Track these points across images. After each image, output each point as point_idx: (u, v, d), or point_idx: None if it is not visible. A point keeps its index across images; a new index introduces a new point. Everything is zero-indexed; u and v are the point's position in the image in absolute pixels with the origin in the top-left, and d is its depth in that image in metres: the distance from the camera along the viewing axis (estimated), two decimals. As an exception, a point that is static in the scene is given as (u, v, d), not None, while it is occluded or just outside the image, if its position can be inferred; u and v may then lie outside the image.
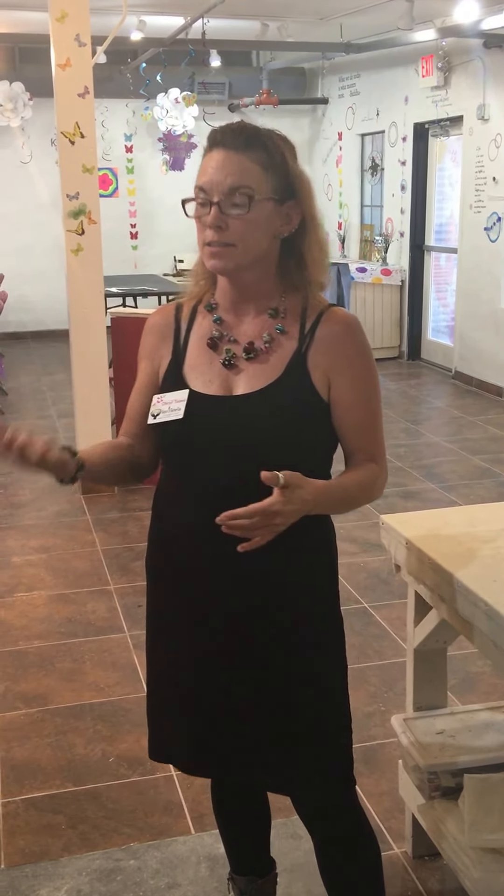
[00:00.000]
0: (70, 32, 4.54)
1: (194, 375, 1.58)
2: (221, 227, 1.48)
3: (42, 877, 2.24)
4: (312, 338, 1.56)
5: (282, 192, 1.51)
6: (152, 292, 8.05)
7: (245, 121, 1.58)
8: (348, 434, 1.58)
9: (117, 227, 9.87)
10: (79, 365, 4.95)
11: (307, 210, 1.55)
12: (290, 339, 1.56)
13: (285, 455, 1.50)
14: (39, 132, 9.26)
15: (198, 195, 1.51)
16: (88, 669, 3.22)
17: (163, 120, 8.69)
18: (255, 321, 1.58)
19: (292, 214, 1.54)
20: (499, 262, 7.17)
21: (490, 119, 7.08)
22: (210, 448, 1.54)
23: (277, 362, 1.55)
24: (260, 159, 1.49)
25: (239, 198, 1.47)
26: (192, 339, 1.62)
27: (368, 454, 1.59)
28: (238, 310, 1.59)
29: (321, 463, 1.60)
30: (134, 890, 2.20)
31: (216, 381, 1.57)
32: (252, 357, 1.56)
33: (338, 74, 9.53)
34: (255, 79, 9.86)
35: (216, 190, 1.48)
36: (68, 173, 4.69)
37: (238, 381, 1.56)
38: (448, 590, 1.80)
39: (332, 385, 1.55)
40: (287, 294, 1.58)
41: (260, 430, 1.52)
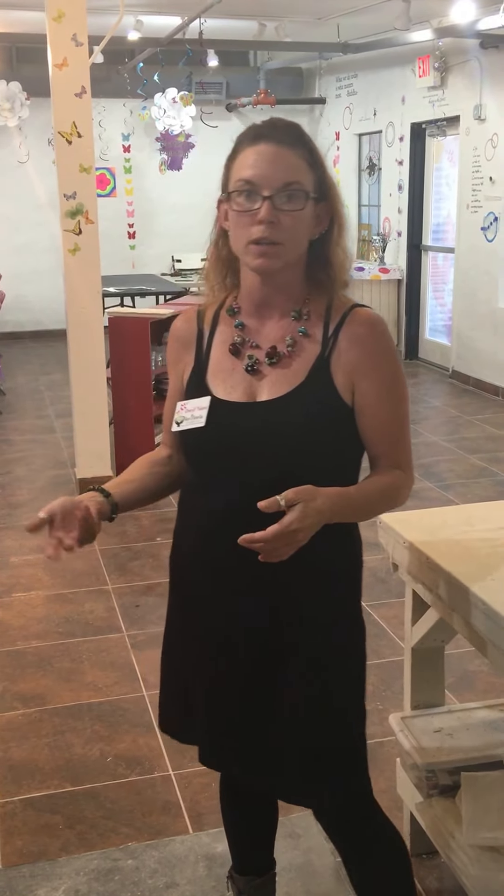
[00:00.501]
0: (67, 32, 4.54)
1: (217, 382, 1.56)
2: (273, 223, 1.44)
3: (40, 877, 2.24)
4: (336, 340, 1.52)
5: (319, 192, 1.49)
6: (150, 292, 8.05)
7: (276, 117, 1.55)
8: (372, 439, 1.54)
9: (115, 227, 9.86)
10: (76, 365, 4.95)
11: (336, 210, 1.53)
12: (314, 342, 1.53)
13: (309, 461, 1.48)
14: (37, 132, 9.26)
15: (241, 188, 1.46)
16: (86, 669, 3.22)
17: (160, 120, 8.68)
18: (279, 324, 1.55)
19: (323, 216, 1.52)
20: (496, 261, 7.18)
21: (487, 119, 7.09)
22: (233, 455, 1.51)
23: (300, 367, 1.52)
24: (306, 157, 1.47)
25: (292, 193, 1.44)
26: (214, 345, 1.59)
27: (393, 460, 1.55)
28: (261, 313, 1.56)
29: (347, 468, 1.56)
30: (132, 889, 2.20)
31: (239, 387, 1.54)
32: (275, 362, 1.53)
33: (335, 74, 9.53)
34: (252, 79, 9.86)
35: (268, 184, 1.44)
36: (65, 173, 4.69)
37: (261, 387, 1.53)
38: (445, 589, 1.80)
39: (356, 388, 1.51)
40: (312, 296, 1.56)
41: (283, 436, 1.49)
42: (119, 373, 5.09)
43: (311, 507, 1.37)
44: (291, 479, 1.44)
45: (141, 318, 5.10)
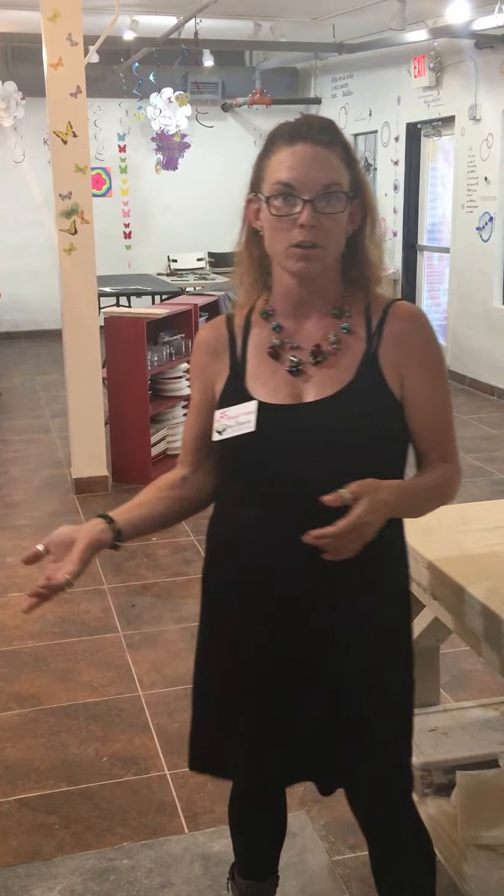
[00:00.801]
0: (62, 32, 4.54)
1: (258, 386, 1.51)
2: (314, 227, 1.41)
3: (35, 877, 2.24)
4: (381, 335, 1.49)
5: (353, 189, 1.47)
6: (146, 292, 8.04)
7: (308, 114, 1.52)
8: (422, 433, 1.52)
9: (111, 227, 9.86)
10: (72, 365, 4.95)
11: (370, 207, 1.50)
12: (358, 339, 1.50)
13: (364, 458, 1.45)
14: (32, 132, 9.25)
15: (279, 191, 1.42)
16: (82, 669, 3.22)
17: (156, 119, 8.68)
18: (318, 324, 1.52)
19: (356, 212, 1.49)
20: (491, 261, 7.19)
21: (482, 119, 7.10)
22: (284, 458, 1.47)
23: (348, 364, 1.49)
24: (342, 155, 1.44)
25: (333, 196, 1.42)
26: (250, 350, 1.54)
27: (442, 454, 1.53)
28: (299, 314, 1.53)
29: (398, 464, 1.53)
30: (127, 889, 2.20)
31: (283, 389, 1.49)
32: (320, 361, 1.49)
33: (330, 74, 9.54)
34: (248, 78, 9.86)
35: (308, 188, 1.41)
36: (61, 173, 4.69)
37: (307, 388, 1.49)
38: (440, 588, 1.80)
39: (405, 382, 1.49)
40: (348, 292, 1.53)
41: (338, 435, 1.45)
42: (115, 373, 5.09)
43: (378, 498, 1.36)
44: (346, 478, 1.40)
45: (137, 318, 5.10)
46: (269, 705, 1.57)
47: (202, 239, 10.38)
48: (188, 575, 3.96)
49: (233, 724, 1.61)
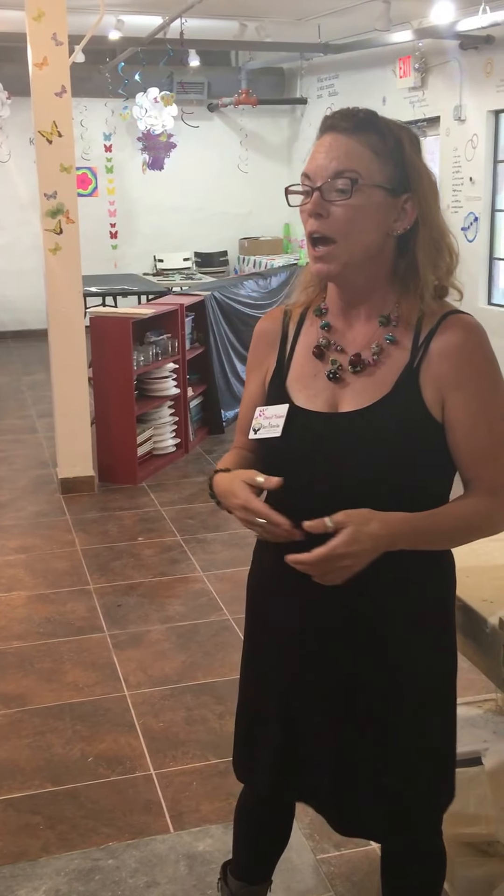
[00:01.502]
0: (47, 31, 4.53)
1: (298, 388, 1.46)
2: (322, 215, 1.34)
3: (20, 877, 2.24)
4: (427, 349, 1.38)
5: (396, 182, 1.36)
6: (132, 292, 8.04)
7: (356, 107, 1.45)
8: (463, 460, 1.40)
9: (97, 227, 9.85)
10: (58, 365, 4.94)
11: (424, 204, 1.38)
12: (402, 351, 1.40)
13: (391, 478, 1.37)
14: (18, 131, 9.22)
15: (303, 182, 1.38)
16: (68, 669, 3.21)
17: (142, 119, 8.67)
18: (365, 328, 1.44)
19: (408, 209, 1.38)
20: (477, 261, 7.22)
21: (466, 120, 7.13)
22: (308, 469, 1.41)
23: (386, 377, 1.40)
24: (372, 143, 1.35)
25: (342, 183, 1.33)
26: (298, 348, 1.50)
27: (486, 484, 1.40)
28: (348, 315, 1.46)
29: (435, 488, 1.43)
30: (112, 889, 2.20)
31: (321, 395, 1.44)
32: (359, 370, 1.42)
33: (316, 75, 9.55)
34: (233, 79, 9.87)
35: (320, 174, 1.35)
36: (46, 172, 4.68)
37: (344, 397, 1.42)
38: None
39: (445, 402, 1.37)
40: (402, 300, 1.43)
41: (364, 451, 1.38)
42: (101, 373, 5.08)
43: (363, 531, 1.29)
44: (372, 496, 1.36)
45: (122, 318, 5.09)
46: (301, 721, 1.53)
47: (188, 239, 10.39)
48: (174, 575, 3.96)
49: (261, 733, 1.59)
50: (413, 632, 1.47)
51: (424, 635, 1.48)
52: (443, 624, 1.51)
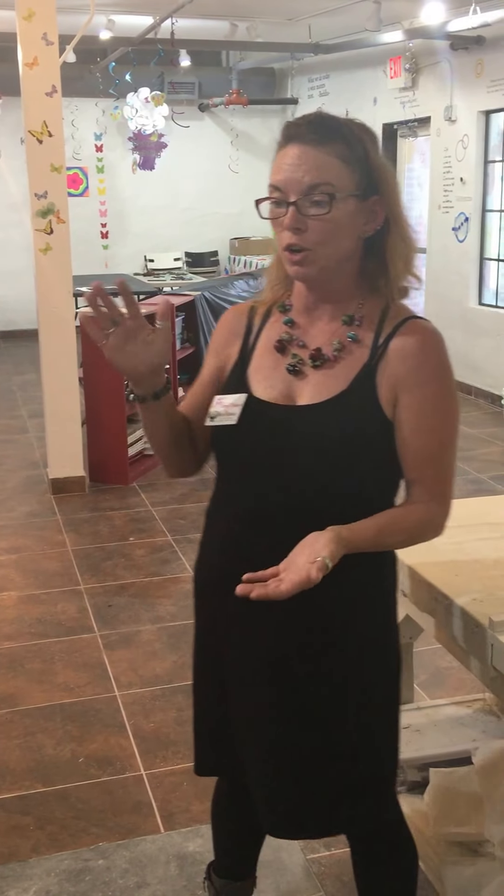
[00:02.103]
0: (37, 31, 4.52)
1: (257, 379, 1.49)
2: (300, 229, 1.37)
3: (10, 878, 2.24)
4: (386, 349, 1.43)
5: (365, 187, 1.39)
6: (123, 292, 8.02)
7: (322, 111, 1.46)
8: (408, 459, 1.43)
9: (88, 227, 9.83)
10: (48, 365, 4.93)
11: (392, 204, 1.42)
12: (363, 349, 1.44)
13: (342, 474, 1.41)
14: (8, 131, 9.20)
15: (272, 193, 1.40)
16: (58, 670, 3.21)
17: (132, 119, 8.67)
18: (328, 326, 1.48)
19: (377, 210, 1.41)
20: (467, 261, 7.24)
21: (457, 120, 7.15)
22: (262, 460, 1.44)
23: (345, 373, 1.44)
24: (340, 153, 1.37)
25: (319, 196, 1.36)
26: (261, 341, 1.53)
27: (427, 489, 1.44)
28: (312, 313, 1.50)
29: (383, 487, 1.47)
30: (103, 889, 2.20)
31: (278, 386, 1.47)
32: (319, 365, 1.45)
33: (307, 75, 9.56)
34: (224, 79, 9.86)
35: (293, 189, 1.37)
36: (36, 172, 4.67)
37: (302, 390, 1.46)
38: (410, 585, 1.82)
39: (398, 403, 1.41)
40: (367, 300, 1.47)
41: (317, 445, 1.41)
42: (91, 373, 5.07)
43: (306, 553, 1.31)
44: (321, 490, 1.40)
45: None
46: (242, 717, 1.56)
47: (179, 239, 10.38)
48: (165, 575, 3.96)
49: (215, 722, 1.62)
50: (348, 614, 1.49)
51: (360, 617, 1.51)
52: (381, 607, 1.54)
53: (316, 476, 1.41)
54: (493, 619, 1.52)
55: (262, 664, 1.51)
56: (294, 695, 1.50)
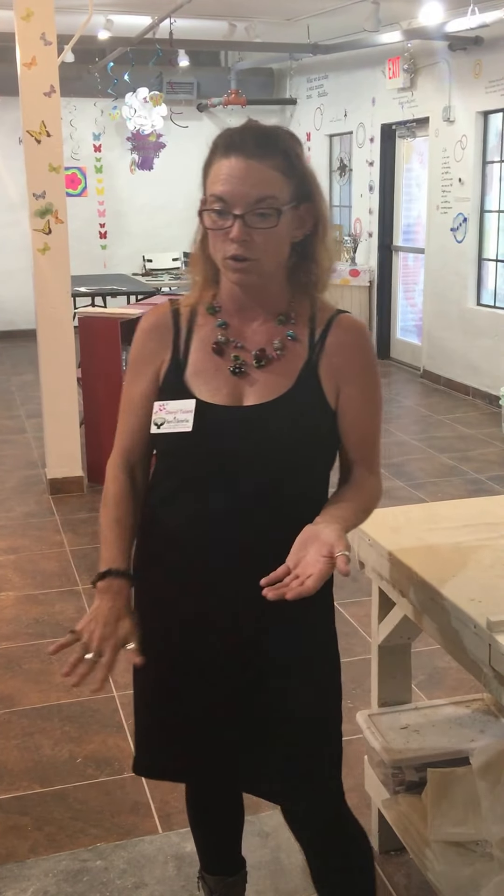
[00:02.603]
0: (36, 31, 4.52)
1: (199, 383, 1.51)
2: (246, 241, 1.41)
3: (8, 878, 2.23)
4: (323, 345, 1.52)
5: (298, 195, 1.45)
6: (121, 292, 8.02)
7: (253, 120, 1.49)
8: (352, 444, 1.55)
9: (86, 227, 9.83)
10: (46, 365, 4.93)
11: (322, 208, 1.49)
12: (301, 347, 1.52)
13: (297, 466, 1.49)
14: (6, 130, 9.20)
15: (213, 203, 1.43)
16: (56, 670, 3.20)
17: (131, 119, 8.66)
18: (264, 327, 1.53)
19: (306, 217, 1.48)
20: (465, 262, 7.24)
21: (455, 121, 7.15)
22: (218, 460, 1.49)
23: (289, 371, 1.50)
24: (280, 166, 1.42)
25: (265, 210, 1.41)
26: (194, 343, 1.54)
27: (368, 465, 1.57)
28: (244, 314, 1.53)
29: (323, 474, 1.56)
30: (101, 890, 2.20)
31: (224, 389, 1.50)
32: (263, 365, 1.51)
33: (306, 75, 9.56)
34: (223, 79, 9.86)
35: (239, 202, 1.40)
36: (34, 172, 4.67)
37: (249, 391, 1.50)
38: (409, 586, 1.82)
39: (340, 393, 1.52)
40: (295, 299, 1.54)
41: (273, 441, 1.47)
42: (89, 373, 5.07)
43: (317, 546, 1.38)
44: (278, 483, 1.48)
45: (111, 318, 5.09)
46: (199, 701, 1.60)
47: (177, 239, 10.37)
48: (163, 575, 3.96)
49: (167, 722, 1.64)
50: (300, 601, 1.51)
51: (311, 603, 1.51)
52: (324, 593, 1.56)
53: (272, 471, 1.48)
54: (491, 619, 1.52)
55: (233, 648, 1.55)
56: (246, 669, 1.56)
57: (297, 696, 1.57)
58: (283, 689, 1.57)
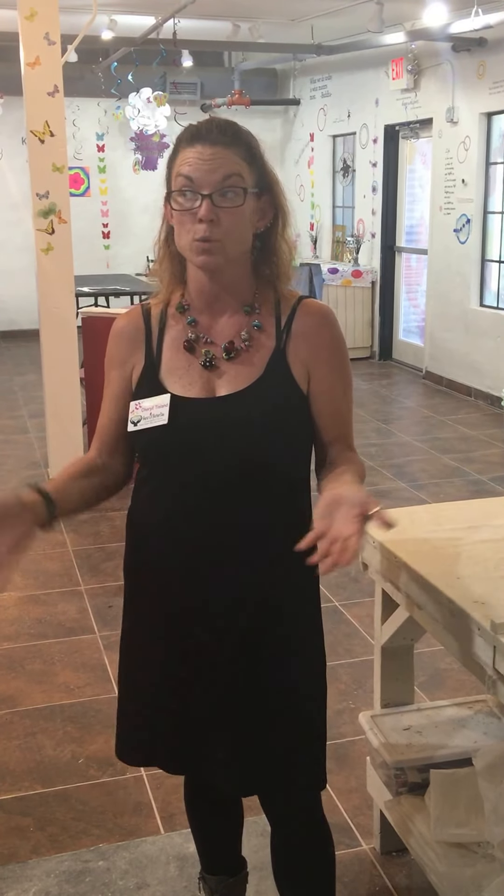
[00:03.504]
0: (39, 31, 4.52)
1: (173, 379, 1.56)
2: (213, 221, 1.46)
3: (10, 879, 2.23)
4: (289, 332, 1.56)
5: (260, 185, 1.52)
6: (124, 292, 8.02)
7: (214, 116, 1.59)
8: (328, 424, 1.58)
9: (89, 227, 9.83)
10: (49, 365, 4.93)
11: (282, 201, 1.55)
12: (268, 335, 1.56)
13: (272, 452, 1.53)
14: (9, 130, 9.20)
15: (180, 185, 1.47)
16: (58, 671, 3.21)
17: (134, 119, 8.66)
18: (231, 320, 1.57)
19: (266, 209, 1.54)
20: (468, 263, 7.23)
21: (459, 122, 7.14)
22: (197, 451, 1.52)
23: (258, 360, 1.55)
24: (244, 154, 1.49)
25: (231, 190, 1.46)
26: (166, 342, 1.59)
27: (347, 443, 1.61)
28: (213, 309, 1.57)
29: (303, 457, 1.61)
30: (102, 891, 2.20)
31: (197, 383, 1.54)
32: (232, 357, 1.55)
33: (309, 76, 9.56)
34: (226, 79, 9.86)
35: (207, 182, 1.46)
36: (38, 172, 4.67)
37: (220, 383, 1.54)
38: (413, 587, 1.82)
39: (311, 377, 1.56)
40: (259, 289, 1.58)
41: (247, 429, 1.51)
42: (92, 373, 5.06)
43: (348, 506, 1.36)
44: (255, 470, 1.52)
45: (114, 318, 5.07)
46: (186, 694, 1.61)
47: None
48: (165, 575, 3.96)
49: (154, 711, 1.65)
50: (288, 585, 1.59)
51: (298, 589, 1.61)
52: (311, 580, 1.63)
53: (248, 457, 1.51)
54: (496, 621, 1.52)
55: (231, 635, 1.57)
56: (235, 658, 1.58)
57: (281, 688, 1.60)
58: (267, 680, 1.59)
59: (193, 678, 1.61)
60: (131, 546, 1.69)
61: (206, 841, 1.99)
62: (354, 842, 2.34)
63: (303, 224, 9.78)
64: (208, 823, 1.97)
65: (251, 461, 1.52)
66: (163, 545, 1.59)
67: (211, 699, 1.60)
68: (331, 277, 8.55)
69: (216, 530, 1.54)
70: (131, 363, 1.61)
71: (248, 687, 1.60)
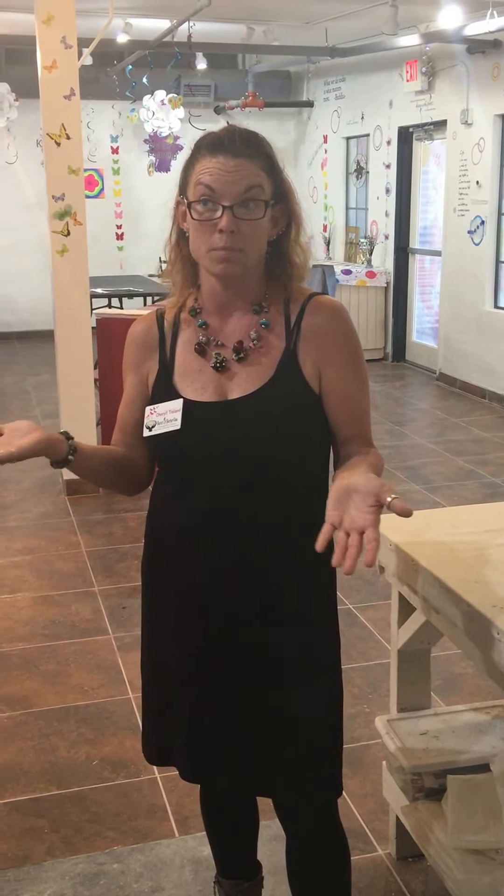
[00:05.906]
0: (56, 35, 4.53)
1: (186, 383, 1.57)
2: (234, 232, 1.46)
3: (25, 881, 2.23)
4: (299, 331, 1.55)
5: (276, 195, 1.52)
6: (138, 293, 8.03)
7: (233, 124, 1.57)
8: (344, 422, 1.57)
9: (103, 228, 9.85)
10: (64, 366, 4.94)
11: (296, 209, 1.56)
12: (278, 336, 1.56)
13: (285, 453, 1.52)
14: (25, 133, 9.24)
15: (201, 194, 1.47)
16: (72, 671, 3.21)
17: (149, 122, 8.68)
18: (241, 321, 1.57)
19: (279, 217, 1.54)
20: (482, 265, 7.21)
21: (473, 123, 7.12)
22: (211, 455, 1.53)
23: (268, 361, 1.54)
24: (264, 165, 1.50)
25: (253, 203, 1.47)
26: (179, 347, 1.60)
27: (365, 439, 1.59)
28: (224, 312, 1.58)
29: (320, 453, 1.60)
30: (117, 893, 2.19)
31: (209, 386, 1.55)
32: (242, 357, 1.55)
33: (323, 78, 9.55)
34: (240, 81, 9.87)
35: (228, 194, 1.46)
36: (54, 174, 4.68)
37: (232, 385, 1.54)
38: (431, 591, 1.81)
39: (323, 376, 1.54)
40: (270, 290, 1.59)
41: (260, 431, 1.51)
42: (107, 374, 5.08)
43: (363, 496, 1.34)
44: (269, 471, 1.51)
45: (128, 319, 5.04)
46: (202, 697, 1.61)
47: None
48: (179, 577, 3.95)
49: (175, 715, 1.66)
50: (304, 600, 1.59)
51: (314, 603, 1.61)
52: (329, 595, 1.64)
53: (262, 458, 1.51)
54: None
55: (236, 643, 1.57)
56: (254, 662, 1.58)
57: (298, 693, 1.59)
58: (283, 685, 1.59)
59: (208, 680, 1.61)
60: (149, 549, 1.69)
61: (222, 845, 1.99)
62: (370, 847, 2.32)
63: (316, 226, 9.77)
64: (224, 827, 1.97)
65: (264, 463, 1.52)
66: (180, 547, 1.60)
67: (228, 704, 1.60)
68: (345, 278, 8.53)
69: (233, 532, 1.54)
70: (146, 368, 1.62)
71: (260, 694, 1.59)
